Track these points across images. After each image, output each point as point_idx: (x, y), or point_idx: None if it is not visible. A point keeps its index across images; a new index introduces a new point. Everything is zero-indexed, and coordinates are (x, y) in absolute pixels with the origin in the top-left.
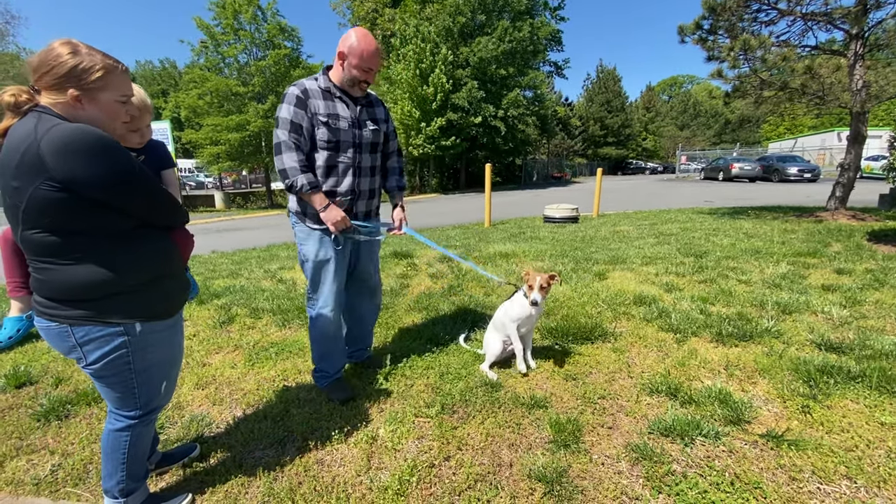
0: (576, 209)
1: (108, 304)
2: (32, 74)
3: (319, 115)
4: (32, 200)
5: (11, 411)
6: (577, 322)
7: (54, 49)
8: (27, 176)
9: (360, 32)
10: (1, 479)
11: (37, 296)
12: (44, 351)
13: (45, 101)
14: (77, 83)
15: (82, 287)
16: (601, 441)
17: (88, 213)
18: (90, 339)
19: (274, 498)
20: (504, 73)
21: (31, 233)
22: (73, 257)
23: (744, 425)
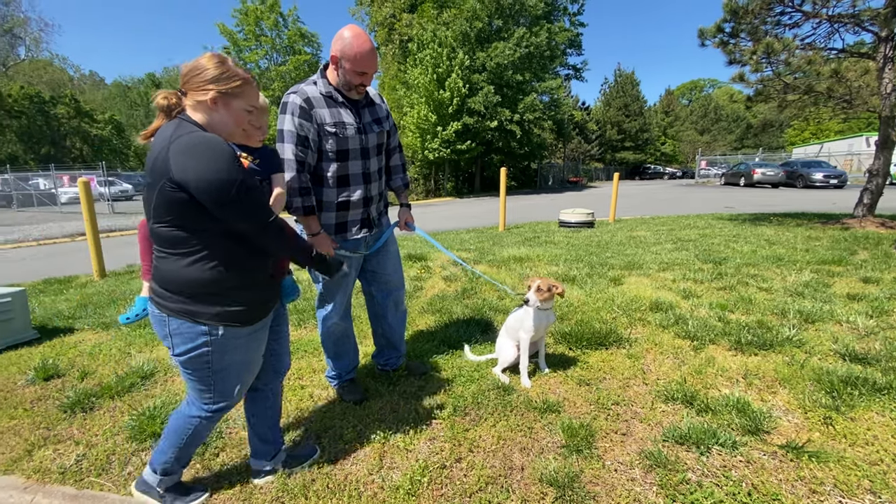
0: (591, 214)
1: (201, 303)
2: (183, 78)
3: (326, 126)
4: (159, 197)
5: (40, 402)
6: (591, 327)
7: (206, 58)
8: (157, 175)
9: (353, 32)
10: (29, 467)
11: (154, 285)
12: (70, 346)
13: (188, 101)
14: (217, 85)
15: (185, 282)
16: (614, 447)
17: (199, 215)
18: (180, 332)
19: (288, 494)
20: (520, 79)
21: (156, 225)
22: (185, 252)
23: (762, 435)
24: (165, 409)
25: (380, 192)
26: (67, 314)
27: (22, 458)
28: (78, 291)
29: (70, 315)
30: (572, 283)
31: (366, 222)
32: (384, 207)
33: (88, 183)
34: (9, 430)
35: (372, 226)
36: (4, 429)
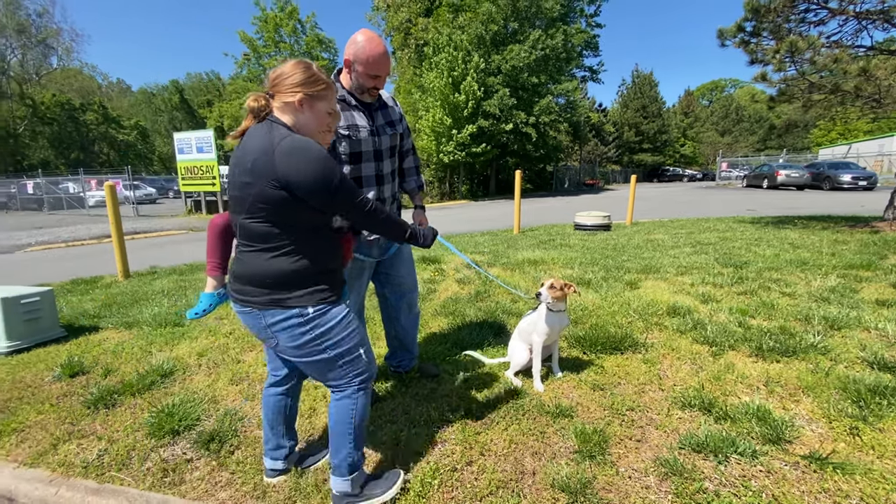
0: (608, 216)
1: (286, 290)
2: (271, 81)
3: (340, 129)
4: (259, 196)
5: (66, 398)
6: (606, 331)
7: (293, 64)
8: (259, 176)
9: (366, 36)
10: (54, 460)
11: (235, 283)
12: (95, 344)
13: (276, 103)
14: (305, 88)
15: (271, 274)
16: (629, 454)
17: (293, 212)
18: (276, 321)
19: (300, 493)
20: (536, 81)
21: (249, 221)
22: (273, 246)
23: (784, 445)
24: (183, 407)
25: (392, 193)
26: (93, 313)
27: (47, 451)
28: (103, 291)
29: (95, 314)
30: (587, 286)
31: None
32: (397, 210)
33: (114, 187)
34: (36, 425)
35: None
36: (32, 423)
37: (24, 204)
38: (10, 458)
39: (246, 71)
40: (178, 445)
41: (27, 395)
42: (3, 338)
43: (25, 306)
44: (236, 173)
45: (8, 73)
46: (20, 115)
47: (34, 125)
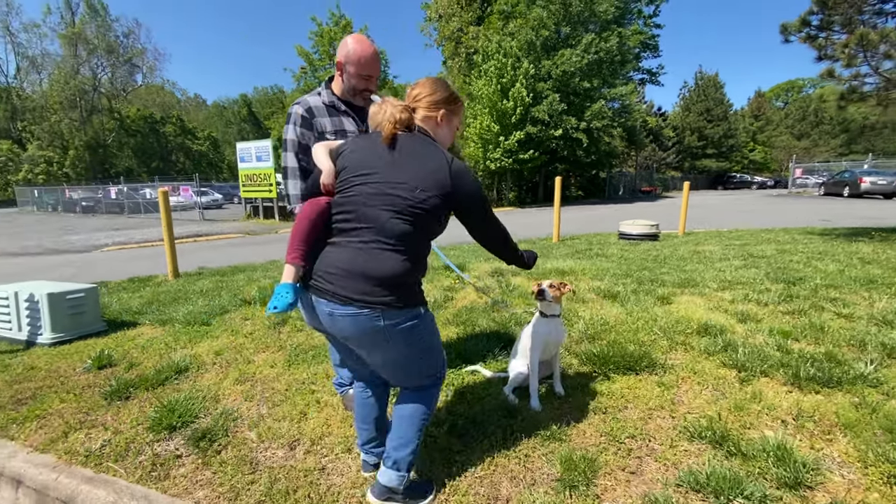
0: (655, 226)
1: (409, 291)
2: (412, 97)
3: (327, 133)
4: (423, 201)
5: (89, 389)
6: (623, 349)
7: (434, 81)
8: (433, 187)
9: (356, 38)
10: (62, 448)
11: (354, 282)
12: (129, 339)
13: (417, 116)
14: (446, 105)
15: (404, 273)
16: (617, 487)
17: (437, 219)
18: (397, 322)
19: (270, 499)
20: (588, 85)
21: (399, 220)
22: (407, 248)
23: (803, 490)
24: (185, 404)
25: None
26: (136, 310)
27: (59, 439)
28: (151, 290)
29: (138, 311)
30: (614, 299)
31: None
32: None
33: (167, 192)
34: (55, 413)
35: None
36: (53, 411)
37: (108, 208)
38: (27, 442)
39: (303, 83)
40: (173, 441)
41: (56, 384)
42: (48, 330)
43: (70, 301)
44: (386, 173)
45: (99, 90)
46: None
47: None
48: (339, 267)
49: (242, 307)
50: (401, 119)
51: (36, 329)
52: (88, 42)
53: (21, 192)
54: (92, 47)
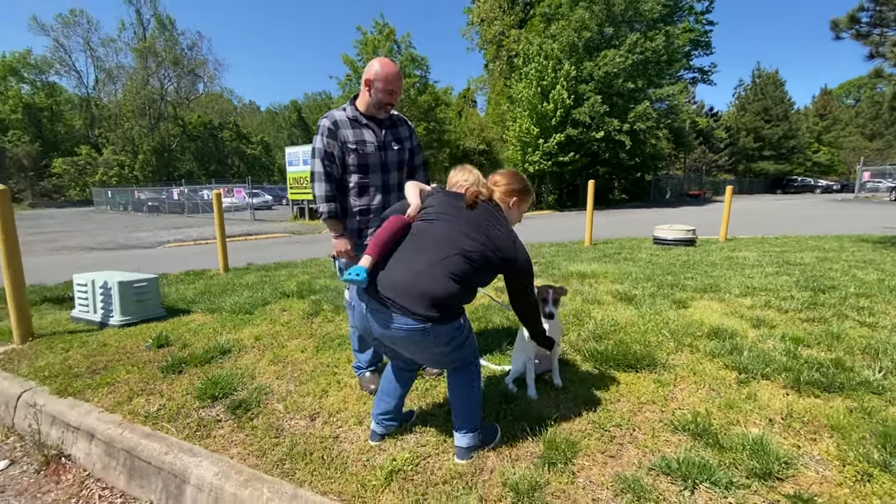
0: (692, 231)
1: (454, 311)
2: (493, 182)
3: (349, 143)
4: (484, 256)
5: (149, 363)
6: (627, 349)
7: (512, 175)
8: (498, 250)
9: (382, 61)
10: (126, 409)
11: (417, 304)
12: (183, 323)
13: (496, 194)
14: (519, 195)
15: (459, 298)
16: (593, 467)
17: (491, 272)
18: (444, 332)
19: (290, 458)
20: (632, 86)
21: (464, 260)
22: (461, 281)
23: (771, 481)
24: (227, 379)
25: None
26: (190, 299)
27: (124, 402)
28: (204, 282)
29: (191, 300)
30: (629, 302)
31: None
32: None
33: (220, 195)
34: (123, 381)
35: None
36: (120, 380)
37: (170, 208)
38: (100, 404)
39: (347, 90)
40: (215, 408)
41: (124, 358)
42: (118, 313)
43: (136, 290)
44: (465, 222)
45: (165, 99)
46: (173, 134)
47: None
48: (403, 282)
49: (282, 299)
50: (482, 195)
51: (108, 312)
52: (157, 55)
53: (97, 193)
54: (160, 59)
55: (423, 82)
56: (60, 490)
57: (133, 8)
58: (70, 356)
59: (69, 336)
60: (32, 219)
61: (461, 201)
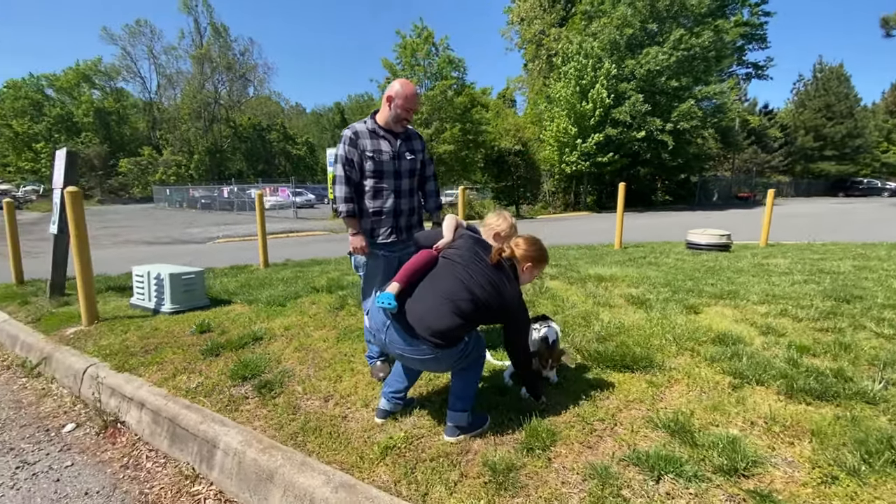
0: (726, 235)
1: (457, 339)
2: (514, 243)
3: (367, 152)
4: (491, 305)
5: (192, 347)
6: (628, 350)
7: (531, 242)
8: (503, 302)
9: (403, 82)
10: (171, 385)
11: (432, 335)
12: (224, 313)
13: (517, 255)
14: (534, 262)
15: (460, 332)
16: (569, 455)
17: (493, 319)
18: (451, 353)
19: (303, 432)
20: (676, 84)
21: (469, 302)
22: (465, 318)
23: (735, 477)
24: (256, 363)
25: (410, 207)
26: (231, 291)
27: (169, 378)
28: (246, 276)
29: (232, 292)
30: (641, 306)
31: (394, 230)
32: (416, 222)
33: (261, 195)
34: (169, 361)
35: (400, 233)
36: (167, 360)
37: (221, 205)
38: (149, 380)
39: None
40: (244, 387)
41: (171, 341)
42: (169, 302)
43: (184, 281)
44: (481, 273)
45: (218, 102)
46: (225, 135)
47: (234, 143)
48: (420, 314)
49: (312, 293)
50: (504, 253)
51: (160, 301)
52: (212, 60)
53: (157, 191)
54: (215, 65)
55: (461, 84)
56: (115, 450)
57: (192, 17)
58: (127, 338)
59: (127, 320)
60: (101, 214)
61: (486, 253)
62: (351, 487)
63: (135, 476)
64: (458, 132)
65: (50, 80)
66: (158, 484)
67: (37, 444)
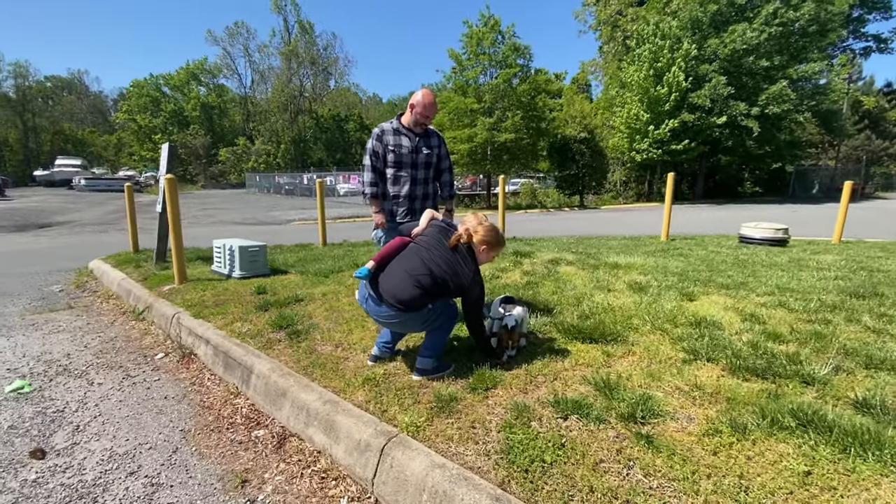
0: (782, 230)
1: (421, 305)
2: (473, 228)
3: (390, 146)
4: (447, 281)
5: (249, 304)
6: (602, 326)
7: (489, 228)
8: (458, 278)
9: (424, 92)
10: (228, 329)
11: (396, 301)
12: (280, 280)
13: (476, 241)
14: (488, 245)
15: (416, 299)
16: (503, 395)
17: (450, 294)
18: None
19: (312, 366)
20: (766, 64)
21: (428, 277)
22: (425, 290)
23: (630, 423)
24: (292, 317)
25: (425, 193)
26: (290, 264)
27: (228, 324)
28: (305, 252)
29: (290, 264)
30: (638, 291)
31: (410, 211)
32: (431, 206)
33: (322, 183)
34: (231, 313)
35: (415, 215)
36: (229, 312)
37: (301, 191)
38: (215, 324)
39: (453, 82)
40: (279, 334)
41: (235, 299)
42: (238, 269)
43: (250, 253)
44: (441, 256)
45: (303, 95)
46: (308, 126)
47: (316, 133)
48: (390, 283)
49: (353, 268)
50: (462, 239)
51: (232, 268)
52: (298, 56)
53: (249, 177)
54: (300, 60)
55: (526, 72)
56: (188, 373)
57: (281, 16)
58: (204, 294)
59: (207, 282)
60: (202, 198)
61: (447, 239)
62: (334, 403)
63: (198, 390)
64: (520, 120)
65: (166, 79)
66: (213, 396)
67: (137, 365)
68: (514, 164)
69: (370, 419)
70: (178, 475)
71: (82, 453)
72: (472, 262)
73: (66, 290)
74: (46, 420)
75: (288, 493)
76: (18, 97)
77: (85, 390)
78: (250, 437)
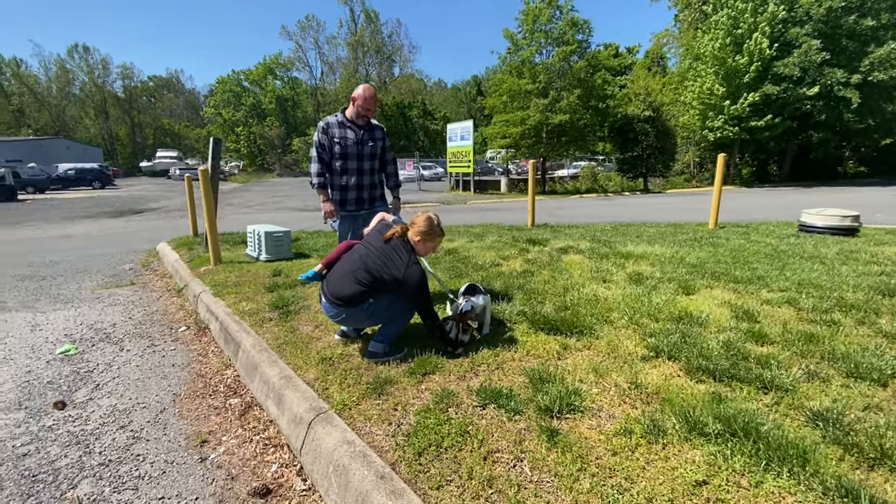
0: (852, 217)
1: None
2: (410, 222)
3: (335, 138)
4: (384, 276)
5: (262, 284)
6: (576, 318)
7: (426, 219)
8: (393, 272)
9: (364, 86)
10: (235, 308)
11: (339, 300)
12: (300, 263)
13: (411, 233)
14: (423, 237)
15: (357, 295)
16: (439, 379)
17: (388, 288)
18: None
19: (286, 344)
20: (871, 24)
21: (364, 272)
22: (366, 287)
23: (546, 416)
24: (289, 299)
25: (371, 182)
26: (315, 248)
27: (236, 303)
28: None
29: (315, 249)
30: (636, 283)
31: (358, 200)
32: (378, 196)
33: None
34: (243, 293)
35: (363, 204)
36: (243, 292)
37: None
38: (226, 303)
39: (508, 63)
40: (274, 313)
41: (252, 280)
42: (264, 252)
43: (275, 238)
44: (377, 251)
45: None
46: None
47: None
48: (333, 282)
49: None
50: (397, 233)
51: (260, 251)
52: (364, 45)
53: None
54: (366, 49)
55: (585, 48)
56: (199, 345)
57: (348, 7)
58: (229, 276)
59: (237, 264)
60: (275, 186)
61: (382, 235)
62: (288, 378)
63: (201, 360)
64: (577, 100)
65: (245, 74)
66: (209, 366)
67: (162, 336)
68: (571, 147)
69: (311, 395)
70: (156, 431)
71: (92, 407)
72: (407, 253)
73: (135, 268)
74: (77, 378)
75: (235, 454)
76: (126, 96)
77: (115, 355)
78: (225, 403)
